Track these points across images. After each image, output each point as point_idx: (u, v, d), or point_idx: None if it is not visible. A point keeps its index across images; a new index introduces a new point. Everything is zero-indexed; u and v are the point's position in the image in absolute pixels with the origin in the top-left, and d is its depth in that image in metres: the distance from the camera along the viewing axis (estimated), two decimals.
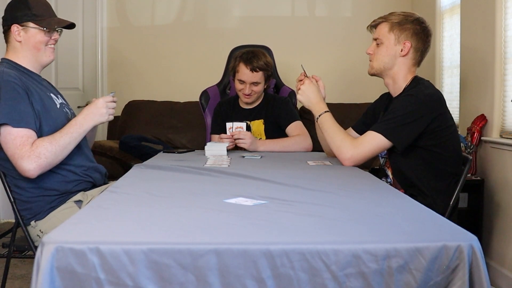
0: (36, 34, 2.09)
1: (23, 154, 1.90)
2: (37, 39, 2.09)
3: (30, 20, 2.08)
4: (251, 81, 2.91)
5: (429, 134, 2.10)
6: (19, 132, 1.91)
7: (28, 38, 2.08)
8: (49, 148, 1.94)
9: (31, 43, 2.09)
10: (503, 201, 2.85)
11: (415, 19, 2.20)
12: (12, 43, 2.10)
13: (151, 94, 4.50)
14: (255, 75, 2.89)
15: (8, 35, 2.10)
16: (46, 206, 2.05)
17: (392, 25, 2.19)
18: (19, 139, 1.91)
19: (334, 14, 4.65)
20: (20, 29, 2.07)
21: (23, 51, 2.10)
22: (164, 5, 4.59)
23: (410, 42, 2.18)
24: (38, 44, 2.10)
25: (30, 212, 2.05)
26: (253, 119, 3.01)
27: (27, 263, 3.14)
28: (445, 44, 3.86)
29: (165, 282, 1.09)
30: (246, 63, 2.90)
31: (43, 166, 1.93)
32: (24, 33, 2.08)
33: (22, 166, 1.91)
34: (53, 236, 1.12)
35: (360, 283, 1.11)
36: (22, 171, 1.92)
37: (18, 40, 2.08)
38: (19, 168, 1.92)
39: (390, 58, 2.20)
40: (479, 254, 1.13)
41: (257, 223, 1.27)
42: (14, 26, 2.07)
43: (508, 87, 2.89)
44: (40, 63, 2.16)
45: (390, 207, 1.48)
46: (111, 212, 1.37)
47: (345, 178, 1.96)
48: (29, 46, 2.09)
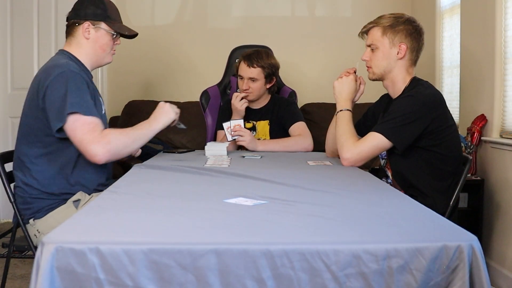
0: (105, 35, 2.14)
1: (93, 139, 1.92)
2: (105, 41, 2.15)
3: (103, 21, 2.13)
4: (248, 76, 2.94)
5: (429, 134, 2.10)
6: (87, 119, 1.94)
7: (97, 37, 2.13)
8: (119, 137, 2.00)
9: (99, 43, 2.14)
10: (503, 201, 2.85)
11: (406, 20, 2.20)
12: (78, 38, 2.12)
13: (151, 94, 4.50)
14: (252, 70, 2.92)
15: (75, 29, 2.12)
16: (46, 206, 2.04)
17: (384, 28, 2.19)
18: (87, 126, 1.93)
19: (334, 14, 4.66)
20: (91, 27, 2.11)
21: (88, 49, 2.13)
22: (164, 5, 4.59)
23: (405, 43, 2.18)
24: (105, 46, 2.15)
25: (31, 211, 2.05)
26: (259, 120, 3.03)
27: (27, 263, 3.14)
28: (445, 44, 3.86)
29: (165, 282, 1.09)
30: (245, 60, 2.96)
31: (112, 153, 1.95)
32: (94, 32, 2.12)
33: (92, 150, 1.92)
34: (53, 236, 1.12)
35: (360, 283, 1.11)
36: (91, 155, 1.93)
37: (86, 37, 2.12)
38: (88, 153, 1.93)
39: (388, 62, 2.20)
40: (479, 254, 1.13)
41: (257, 223, 1.27)
42: (86, 22, 2.10)
43: (508, 87, 2.89)
44: (100, 63, 2.22)
45: (390, 207, 1.48)
46: (111, 212, 1.37)
47: (345, 178, 1.96)
48: (95, 46, 2.13)
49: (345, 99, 2.32)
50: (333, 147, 2.44)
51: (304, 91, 4.25)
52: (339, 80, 2.36)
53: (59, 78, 1.95)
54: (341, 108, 2.31)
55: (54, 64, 2.03)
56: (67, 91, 1.94)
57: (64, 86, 1.94)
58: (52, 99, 1.94)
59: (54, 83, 1.95)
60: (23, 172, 2.05)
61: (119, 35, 2.20)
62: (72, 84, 1.96)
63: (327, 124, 2.57)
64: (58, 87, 1.94)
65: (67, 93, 1.93)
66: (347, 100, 2.32)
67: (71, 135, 1.94)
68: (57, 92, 1.94)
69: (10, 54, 4.23)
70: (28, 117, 2.05)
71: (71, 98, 1.93)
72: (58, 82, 1.95)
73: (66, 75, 1.96)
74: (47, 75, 1.98)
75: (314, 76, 4.60)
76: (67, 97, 1.93)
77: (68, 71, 1.98)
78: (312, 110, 4.28)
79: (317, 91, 4.48)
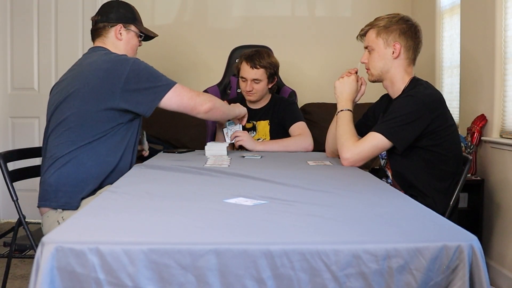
0: (133, 37, 2.33)
1: (198, 93, 2.31)
2: (134, 42, 2.33)
3: (133, 23, 2.31)
4: (251, 78, 2.92)
5: (429, 134, 2.10)
6: (179, 84, 2.24)
7: (128, 39, 2.30)
8: (213, 96, 2.44)
9: (130, 44, 2.31)
10: (503, 201, 2.85)
11: (400, 19, 2.20)
12: (111, 39, 2.28)
13: None
14: (256, 72, 2.91)
15: (107, 31, 2.27)
16: (78, 196, 2.06)
17: (378, 30, 2.21)
18: (186, 87, 2.26)
19: (334, 14, 4.66)
20: (123, 29, 2.28)
21: (122, 50, 2.28)
22: (164, 5, 4.59)
23: (399, 42, 2.18)
24: (134, 46, 2.35)
25: (58, 202, 2.06)
26: (259, 120, 3.03)
27: (27, 263, 3.14)
28: (445, 44, 3.86)
29: (165, 283, 1.09)
30: (247, 61, 2.94)
31: (214, 103, 2.36)
32: (126, 34, 2.29)
33: (201, 99, 2.30)
34: (53, 236, 1.12)
35: (360, 283, 1.11)
36: (201, 103, 2.28)
37: (119, 39, 2.28)
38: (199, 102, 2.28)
39: (385, 62, 2.21)
40: (479, 254, 1.13)
41: (257, 223, 1.27)
42: (119, 25, 2.27)
43: (508, 87, 2.89)
44: None
45: (390, 207, 1.48)
46: (111, 212, 1.37)
47: (345, 178, 1.96)
48: (127, 47, 2.30)
49: (346, 99, 2.33)
50: (333, 147, 2.44)
51: (304, 91, 4.25)
52: (340, 80, 2.36)
53: (138, 62, 2.15)
54: (342, 108, 2.31)
55: (116, 55, 2.18)
56: (153, 70, 2.17)
57: (147, 67, 2.15)
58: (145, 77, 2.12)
59: (137, 65, 2.12)
60: (66, 156, 2.07)
61: (143, 37, 2.36)
62: (149, 66, 2.18)
63: (327, 124, 2.57)
64: (143, 69, 2.13)
65: (155, 72, 2.17)
66: (348, 100, 2.32)
67: (178, 99, 2.22)
68: (146, 72, 2.13)
69: (10, 54, 4.23)
70: (85, 113, 2.08)
71: (160, 76, 2.18)
72: (140, 65, 2.14)
73: (139, 61, 2.16)
74: (119, 64, 2.11)
75: (314, 76, 4.60)
76: (158, 74, 2.18)
77: (133, 57, 2.19)
78: (312, 110, 4.28)
79: (317, 91, 4.48)
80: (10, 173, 2.11)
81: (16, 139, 4.23)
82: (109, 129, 2.10)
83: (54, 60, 4.20)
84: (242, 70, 2.95)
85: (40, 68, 4.22)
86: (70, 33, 4.17)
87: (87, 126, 2.07)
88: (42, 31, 4.18)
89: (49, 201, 2.08)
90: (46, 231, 2.05)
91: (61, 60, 4.16)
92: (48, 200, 2.08)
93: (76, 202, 2.06)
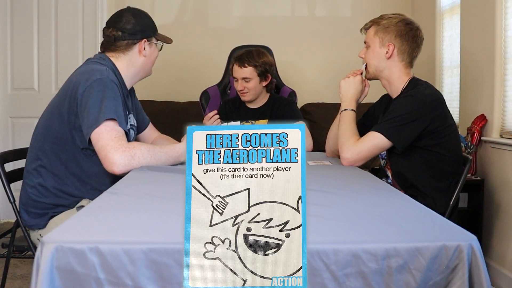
0: (155, 49, 2.17)
1: (118, 147, 1.85)
2: (155, 54, 2.17)
3: (154, 36, 2.14)
4: (241, 77, 2.96)
5: (429, 134, 2.10)
6: (116, 127, 1.88)
7: (151, 53, 2.14)
8: (145, 155, 1.91)
9: (152, 58, 2.15)
10: (503, 201, 2.85)
11: (400, 21, 2.19)
12: (131, 56, 2.10)
13: (151, 94, 4.50)
14: (244, 70, 2.94)
15: (130, 47, 2.09)
16: (49, 214, 2.02)
17: (378, 28, 2.21)
18: (115, 132, 1.87)
19: (334, 14, 4.66)
20: (146, 44, 2.10)
21: (139, 65, 2.12)
22: (164, 5, 4.59)
23: (393, 44, 2.18)
24: (154, 58, 2.17)
25: (36, 221, 2.03)
26: (258, 119, 3.03)
27: (27, 263, 3.14)
28: (445, 44, 3.86)
29: (165, 282, 1.09)
30: (236, 61, 2.99)
31: (132, 167, 1.88)
32: (149, 49, 2.12)
33: (114, 157, 1.83)
34: (53, 236, 1.12)
35: (359, 282, 1.11)
36: (111, 163, 1.84)
37: (144, 55, 2.11)
38: (108, 159, 1.84)
39: (379, 61, 2.21)
40: (479, 254, 1.13)
41: None
42: (143, 40, 2.09)
43: (508, 87, 2.89)
44: (145, 75, 2.21)
45: (390, 207, 1.48)
46: (111, 212, 1.37)
47: (345, 178, 1.96)
48: (148, 61, 2.13)
49: (350, 99, 2.32)
50: (333, 147, 2.44)
51: (304, 91, 4.25)
52: (346, 80, 2.36)
53: (99, 83, 1.91)
54: (345, 107, 2.31)
55: (94, 69, 1.99)
56: (105, 97, 1.89)
57: (102, 92, 1.90)
58: (89, 103, 1.89)
59: (93, 87, 1.90)
60: (38, 177, 2.02)
61: (162, 46, 2.20)
62: (109, 92, 1.91)
63: (327, 124, 2.57)
64: (96, 92, 1.90)
65: (104, 100, 1.88)
66: (352, 100, 2.32)
67: (95, 138, 1.87)
68: (95, 97, 1.89)
69: (10, 54, 4.24)
70: (53, 118, 2.00)
71: (109, 104, 1.88)
72: (97, 87, 1.90)
73: (105, 82, 1.92)
74: (85, 80, 1.93)
75: (314, 76, 4.61)
76: (103, 103, 1.88)
77: (107, 78, 1.94)
78: (312, 110, 4.28)
79: (317, 91, 4.48)
80: (7, 174, 2.11)
81: (16, 139, 4.23)
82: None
83: (54, 60, 4.20)
84: (233, 70, 3.02)
85: (40, 68, 4.22)
86: (70, 33, 4.18)
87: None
88: (42, 31, 4.19)
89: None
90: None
91: (61, 60, 4.16)
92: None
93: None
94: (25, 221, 2.04)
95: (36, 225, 2.03)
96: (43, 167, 2.01)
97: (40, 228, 2.03)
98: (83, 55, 4.43)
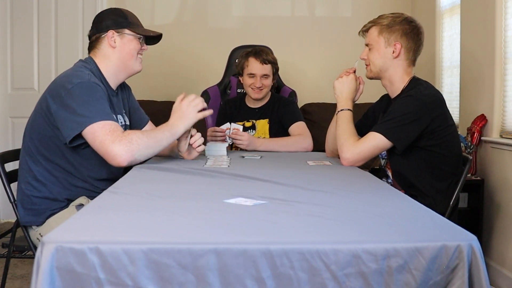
0: (131, 41, 2.14)
1: (115, 138, 1.87)
2: (132, 46, 2.14)
3: (127, 27, 2.13)
4: (261, 74, 2.94)
5: (429, 134, 2.10)
6: (107, 122, 1.90)
7: (123, 44, 2.13)
8: (141, 137, 1.94)
9: (126, 49, 2.13)
10: (503, 201, 2.85)
11: (403, 19, 2.20)
12: (104, 50, 2.12)
13: (151, 94, 4.50)
14: (265, 67, 2.94)
15: (100, 41, 2.12)
16: (47, 212, 2.03)
17: (381, 28, 2.21)
18: (109, 127, 1.89)
19: (334, 14, 4.66)
20: (116, 35, 2.11)
21: (115, 59, 2.13)
22: (164, 5, 4.59)
23: (400, 43, 2.18)
24: (132, 51, 2.14)
25: (33, 218, 2.04)
26: (259, 118, 3.03)
27: (27, 263, 3.14)
28: (445, 44, 3.86)
29: (165, 282, 1.09)
30: (255, 57, 2.95)
31: (134, 153, 1.90)
32: (120, 40, 2.12)
33: (114, 150, 1.86)
34: (53, 236, 1.12)
35: (359, 282, 1.11)
36: (113, 157, 1.87)
37: (113, 46, 2.11)
38: (110, 154, 1.87)
39: (384, 61, 2.21)
40: (479, 254, 1.13)
41: (257, 223, 1.27)
42: (110, 31, 2.10)
43: (508, 87, 2.89)
44: (129, 72, 2.19)
45: (390, 207, 1.48)
46: (111, 212, 1.37)
47: (345, 178, 1.96)
48: (122, 53, 2.13)
49: (345, 99, 2.33)
50: (333, 147, 2.44)
51: (304, 91, 4.25)
52: (339, 80, 2.36)
53: (80, 86, 1.92)
54: (342, 107, 2.31)
55: (76, 74, 2.00)
56: (87, 100, 1.91)
57: (85, 95, 1.92)
58: (72, 106, 1.90)
59: (75, 90, 1.91)
60: (30, 172, 2.03)
61: (144, 39, 2.19)
62: (93, 93, 1.94)
63: (327, 124, 2.57)
64: (78, 96, 1.91)
65: (86, 103, 1.90)
66: (347, 100, 2.33)
67: (91, 139, 1.89)
68: (77, 100, 1.90)
69: (10, 54, 4.24)
70: (38, 118, 2.02)
71: (92, 108, 1.90)
72: (79, 90, 1.92)
73: (87, 85, 1.94)
74: (67, 83, 1.94)
75: (314, 76, 4.61)
76: (86, 106, 1.90)
77: (87, 81, 1.96)
78: (312, 110, 4.28)
79: (317, 91, 4.48)
80: (7, 174, 2.11)
81: (16, 139, 4.22)
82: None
83: (54, 60, 4.20)
84: (250, 66, 2.96)
85: (40, 68, 4.22)
86: (70, 33, 4.18)
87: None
88: (42, 31, 4.19)
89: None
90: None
91: (61, 60, 4.16)
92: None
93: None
94: (22, 218, 2.04)
95: (33, 222, 2.04)
96: (34, 163, 2.02)
97: (38, 225, 2.03)
98: (83, 55, 4.43)
